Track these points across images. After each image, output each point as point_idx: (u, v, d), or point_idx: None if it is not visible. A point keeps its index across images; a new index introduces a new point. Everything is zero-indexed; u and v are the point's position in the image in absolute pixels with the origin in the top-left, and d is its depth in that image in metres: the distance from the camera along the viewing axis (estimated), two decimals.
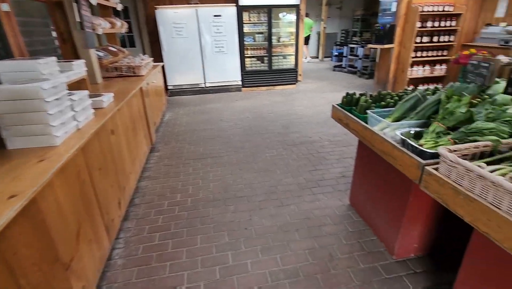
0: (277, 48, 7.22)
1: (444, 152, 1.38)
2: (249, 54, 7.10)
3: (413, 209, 1.95)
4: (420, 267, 2.07)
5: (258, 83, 7.32)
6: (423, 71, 5.98)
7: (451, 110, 1.70)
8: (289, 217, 2.62)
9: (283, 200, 2.87)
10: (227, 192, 3.04)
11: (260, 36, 7.04)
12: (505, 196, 1.13)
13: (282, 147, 4.08)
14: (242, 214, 2.68)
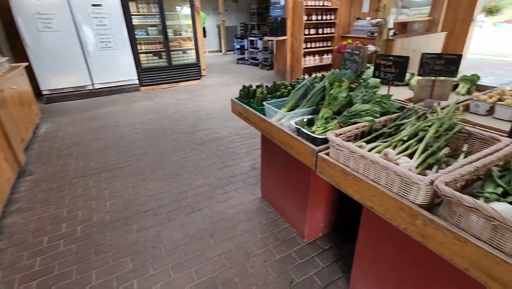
0: (175, 42, 6.78)
1: (331, 137, 1.44)
2: (144, 50, 6.44)
3: (315, 192, 2.04)
4: (328, 243, 2.22)
5: (159, 80, 6.75)
6: (314, 61, 6.60)
7: (334, 95, 1.82)
8: (202, 223, 2.45)
9: (194, 205, 2.67)
10: (129, 208, 2.64)
11: (153, 29, 6.45)
12: (382, 172, 1.23)
13: (190, 147, 3.83)
14: (148, 231, 2.36)
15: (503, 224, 0.85)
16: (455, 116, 1.55)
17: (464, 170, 1.09)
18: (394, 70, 2.02)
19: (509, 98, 2.09)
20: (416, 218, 1.09)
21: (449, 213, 1.03)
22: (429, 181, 1.05)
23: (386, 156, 1.30)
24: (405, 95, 2.62)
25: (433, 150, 1.36)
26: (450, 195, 0.97)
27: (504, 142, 1.35)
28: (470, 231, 0.97)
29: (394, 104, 1.81)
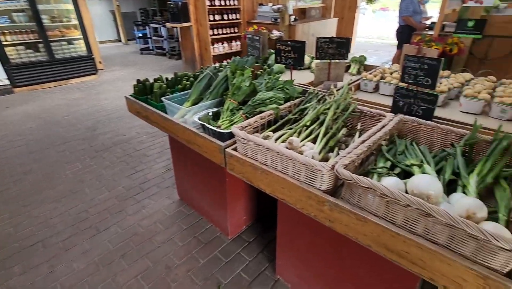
0: (55, 31, 5.63)
1: (235, 131, 1.33)
2: (11, 41, 5.14)
3: (233, 187, 1.95)
4: (252, 235, 2.18)
5: (40, 78, 5.55)
6: (223, 48, 6.46)
7: (238, 85, 1.71)
8: (111, 244, 2.11)
9: (99, 225, 2.27)
10: (6, 247, 2.07)
11: (20, 16, 5.19)
12: (288, 163, 1.19)
13: (89, 155, 3.26)
14: (37, 271, 1.89)
15: (393, 199, 0.90)
16: (349, 96, 1.64)
17: (359, 150, 1.14)
18: (293, 55, 2.04)
19: (389, 76, 2.37)
20: (323, 204, 1.08)
21: (351, 194, 1.05)
22: (330, 167, 1.05)
23: (291, 145, 1.27)
24: (307, 79, 2.73)
25: (333, 132, 1.40)
26: (349, 178, 0.99)
27: (389, 117, 1.49)
28: (369, 209, 1.01)
29: (297, 89, 1.83)
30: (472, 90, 1.97)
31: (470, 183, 1.08)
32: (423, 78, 1.65)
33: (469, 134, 1.30)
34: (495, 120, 1.88)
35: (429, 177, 0.97)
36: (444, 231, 0.84)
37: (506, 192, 1.05)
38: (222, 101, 1.80)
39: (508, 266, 0.76)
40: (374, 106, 1.96)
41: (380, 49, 9.14)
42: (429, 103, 1.64)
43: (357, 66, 2.92)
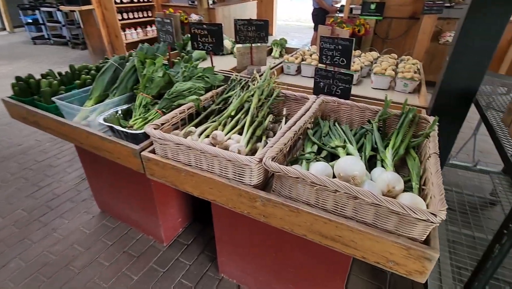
0: None
1: (149, 130, 1.15)
2: None
3: (161, 189, 1.76)
4: (190, 236, 2.04)
5: None
6: (137, 35, 5.80)
7: (149, 76, 1.49)
8: (13, 283, 1.71)
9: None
10: None
11: None
12: (213, 160, 1.08)
13: None
14: None
15: (322, 186, 0.87)
16: (272, 81, 1.59)
17: (285, 138, 1.09)
18: (211, 40, 1.89)
19: (309, 57, 2.42)
20: (255, 200, 1.01)
21: (281, 186, 1.00)
22: (257, 160, 0.97)
23: (215, 139, 1.15)
24: (230, 65, 2.61)
25: (259, 121, 1.33)
26: (278, 170, 0.93)
27: (311, 99, 1.49)
28: (301, 199, 0.97)
29: (218, 77, 1.70)
30: (380, 68, 2.15)
31: (387, 156, 1.15)
32: (339, 58, 1.69)
33: (381, 110, 1.38)
34: (400, 94, 2.09)
35: (352, 158, 0.98)
36: (370, 210, 0.86)
37: (416, 161, 1.15)
38: (134, 97, 1.55)
39: (425, 234, 0.81)
40: (298, 89, 1.98)
41: (300, 32, 9.55)
42: (346, 82, 1.71)
43: (279, 49, 2.93)
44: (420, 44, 4.10)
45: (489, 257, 0.91)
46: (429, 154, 1.03)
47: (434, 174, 0.90)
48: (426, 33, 4.02)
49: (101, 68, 1.87)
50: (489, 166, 2.57)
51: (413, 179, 1.06)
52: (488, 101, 1.55)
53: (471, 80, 1.36)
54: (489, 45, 1.25)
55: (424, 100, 1.82)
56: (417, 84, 2.05)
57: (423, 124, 1.32)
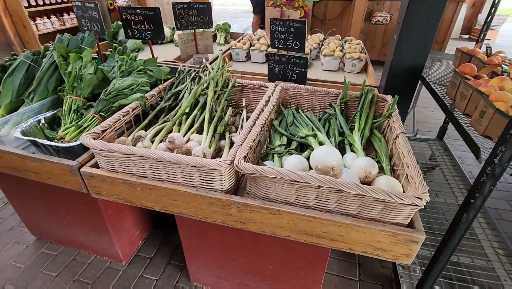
0: None
1: (89, 142, 0.93)
2: None
3: (109, 205, 1.52)
4: (153, 247, 1.85)
5: None
6: (52, 24, 4.96)
7: (76, 74, 1.23)
8: None
9: None
10: None
11: None
12: (175, 168, 0.92)
13: None
14: None
15: (304, 183, 0.80)
16: (226, 70, 1.45)
17: (254, 133, 0.99)
18: (148, 26, 1.64)
19: (257, 42, 2.31)
20: (230, 207, 0.90)
21: (257, 187, 0.91)
22: (228, 163, 0.85)
23: (173, 143, 0.99)
24: (173, 54, 2.37)
25: (219, 116, 1.20)
26: (253, 171, 0.82)
27: (271, 88, 1.40)
28: (280, 198, 0.89)
29: (163, 70, 1.49)
30: (329, 50, 2.16)
31: (355, 140, 1.13)
32: (292, 42, 1.62)
33: (342, 93, 1.36)
34: (349, 74, 2.13)
35: (327, 148, 0.92)
36: (354, 201, 0.82)
37: (382, 141, 1.15)
38: (59, 100, 1.27)
39: (409, 217, 0.80)
40: (251, 76, 1.87)
41: (238, 16, 9.34)
42: (301, 66, 1.66)
43: (224, 35, 2.76)
44: (355, 25, 4.31)
45: (458, 226, 0.96)
46: (396, 134, 1.04)
47: (407, 155, 0.90)
48: (360, 14, 4.23)
49: (8, 68, 1.50)
50: (426, 134, 2.85)
51: (383, 160, 1.06)
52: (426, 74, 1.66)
53: (417, 57, 1.42)
54: (432, 22, 1.30)
55: (373, 79, 1.88)
56: (364, 63, 2.11)
57: (381, 104, 1.34)
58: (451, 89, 1.37)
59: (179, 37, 2.01)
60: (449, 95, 1.39)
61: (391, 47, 1.54)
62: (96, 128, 1.01)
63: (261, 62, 2.30)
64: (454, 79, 1.33)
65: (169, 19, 5.39)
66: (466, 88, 1.19)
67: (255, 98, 1.52)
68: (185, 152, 0.97)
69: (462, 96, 1.21)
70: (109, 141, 1.06)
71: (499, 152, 0.80)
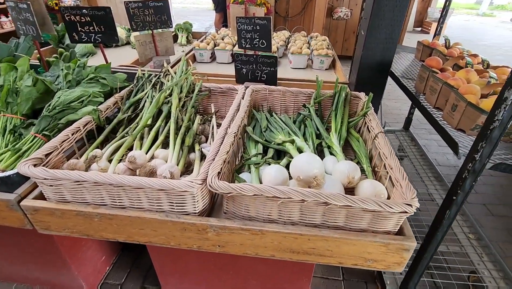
0: None
1: (28, 170, 0.77)
2: None
3: (64, 237, 1.33)
4: (122, 272, 1.67)
5: None
6: None
7: (9, 87, 1.03)
8: None
9: None
10: None
11: None
12: (139, 193, 0.80)
13: None
14: None
15: (287, 198, 0.72)
16: (189, 73, 1.33)
17: (226, 145, 0.89)
18: (98, 29, 1.46)
19: (222, 42, 2.20)
20: (206, 231, 0.80)
21: (235, 206, 0.81)
22: (200, 182, 0.75)
23: (134, 163, 0.86)
24: (130, 58, 2.18)
25: (186, 126, 1.08)
26: (230, 190, 0.73)
27: (241, 91, 1.31)
28: (261, 216, 0.81)
29: (119, 77, 1.33)
30: (296, 47, 2.11)
31: (334, 143, 1.08)
32: (259, 40, 1.54)
33: (315, 92, 1.31)
34: (318, 71, 2.10)
35: (308, 156, 0.85)
36: (341, 212, 0.76)
37: (360, 141, 1.12)
38: None
39: (399, 224, 0.76)
40: (218, 78, 1.76)
41: (199, 15, 9.09)
42: (270, 66, 1.59)
43: (185, 35, 2.60)
44: (318, 21, 4.34)
45: (441, 223, 0.95)
46: (375, 134, 1.00)
47: (389, 156, 0.86)
48: (321, 10, 4.27)
49: None
50: (391, 126, 2.94)
51: (363, 161, 1.02)
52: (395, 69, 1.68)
53: (386, 52, 1.41)
54: (399, 15, 1.29)
55: (343, 75, 1.86)
56: (331, 59, 2.10)
57: (355, 102, 1.31)
58: (419, 83, 1.38)
59: (136, 39, 1.84)
60: (417, 89, 1.40)
61: (359, 43, 1.52)
62: (38, 152, 0.85)
63: (227, 63, 2.19)
64: (422, 73, 1.34)
65: (123, 20, 5.05)
66: (436, 82, 1.19)
67: (224, 102, 1.41)
68: (149, 172, 0.84)
69: (432, 90, 1.22)
70: (56, 166, 0.90)
71: (480, 148, 0.79)
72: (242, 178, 0.91)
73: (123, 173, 0.86)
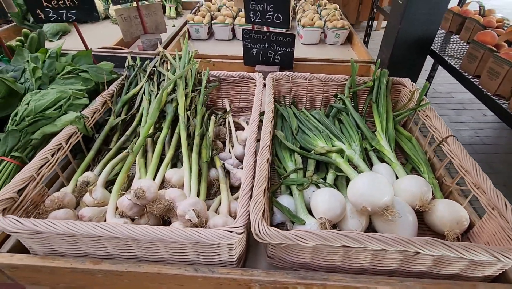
0: None
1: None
2: None
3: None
4: None
5: None
6: None
7: None
8: None
9: None
10: None
11: None
12: (158, 243, 0.59)
13: None
14: None
15: (362, 249, 0.53)
16: (194, 62, 1.06)
17: (262, 168, 0.67)
18: (70, 3, 1.14)
19: (220, 14, 1.87)
20: (250, 286, 0.61)
21: (285, 251, 0.62)
22: (240, 232, 0.54)
23: (143, 197, 0.64)
24: (112, 37, 1.84)
25: (200, 133, 0.84)
26: (283, 240, 0.53)
27: (259, 80, 1.06)
28: (319, 263, 0.62)
29: (105, 67, 1.05)
30: (307, 19, 1.82)
31: (384, 147, 0.88)
32: (273, 14, 1.26)
33: (349, 79, 1.07)
34: (333, 47, 1.84)
35: (371, 178, 0.65)
36: (430, 258, 0.58)
37: (413, 141, 0.92)
38: None
39: (502, 269, 0.59)
40: (223, 61, 1.48)
41: None
42: (286, 45, 1.33)
43: (174, 5, 2.23)
44: None
45: None
46: (442, 138, 0.80)
47: (475, 172, 0.67)
48: None
49: None
50: None
51: (422, 170, 0.83)
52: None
53: (429, 25, 1.17)
54: None
55: (364, 51, 1.61)
56: (348, 33, 1.83)
57: (396, 89, 1.09)
58: (468, 63, 1.16)
59: (118, 14, 1.51)
60: (466, 70, 1.18)
61: (394, 15, 1.27)
62: (8, 188, 0.61)
63: (227, 39, 1.89)
64: (474, 51, 1.12)
65: None
66: (498, 63, 0.98)
67: (236, 94, 1.17)
68: (164, 209, 0.62)
69: (492, 73, 1.01)
70: (35, 202, 0.67)
71: None
72: (283, 204, 0.71)
73: (129, 210, 0.64)
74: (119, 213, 0.65)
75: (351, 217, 0.67)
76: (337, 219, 0.65)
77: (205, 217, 0.62)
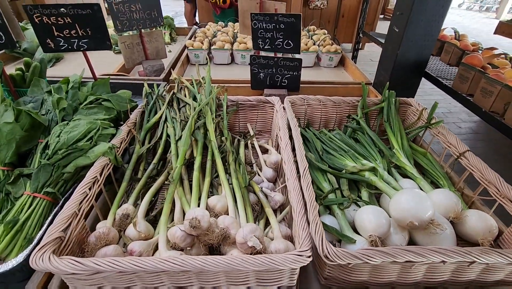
0: None
1: (47, 265, 0.52)
2: None
3: None
4: None
5: None
6: None
7: None
8: None
9: None
10: None
11: None
12: (220, 274, 0.58)
13: None
14: None
15: (421, 260, 0.56)
16: (218, 88, 1.09)
17: (309, 191, 0.69)
18: (82, 33, 1.13)
19: (219, 40, 1.93)
20: None
21: (343, 270, 0.63)
22: (308, 255, 0.55)
23: (199, 228, 0.63)
24: (113, 63, 1.82)
25: (234, 159, 0.85)
26: (351, 260, 0.55)
27: (277, 104, 1.10)
28: (377, 280, 0.64)
29: (125, 96, 1.04)
30: (302, 44, 1.92)
31: (405, 162, 0.94)
32: (283, 41, 1.33)
33: (361, 100, 1.15)
34: (327, 69, 1.95)
35: (413, 194, 0.69)
36: (479, 266, 0.62)
37: (429, 156, 0.99)
38: None
39: None
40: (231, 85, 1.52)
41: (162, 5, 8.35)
42: (293, 69, 1.39)
43: (168, 31, 2.26)
44: (295, 9, 4.18)
45: None
46: (460, 153, 0.87)
47: (501, 183, 0.74)
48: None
49: None
50: None
51: (443, 183, 0.89)
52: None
53: (423, 50, 1.30)
54: (441, 11, 1.17)
55: (360, 74, 1.72)
56: (340, 56, 1.96)
57: (402, 109, 1.18)
58: (460, 83, 1.29)
59: (121, 41, 1.51)
60: (458, 89, 1.31)
61: (390, 40, 1.39)
62: (53, 228, 0.58)
63: (226, 64, 1.94)
64: (465, 72, 1.25)
65: None
66: (491, 84, 1.10)
67: (253, 118, 1.20)
68: (221, 237, 0.62)
69: (485, 92, 1.13)
70: (79, 240, 0.64)
71: None
72: (327, 224, 0.73)
73: (183, 241, 0.62)
74: (171, 245, 0.63)
75: (394, 232, 0.70)
76: (385, 235, 0.68)
77: (264, 243, 0.62)
